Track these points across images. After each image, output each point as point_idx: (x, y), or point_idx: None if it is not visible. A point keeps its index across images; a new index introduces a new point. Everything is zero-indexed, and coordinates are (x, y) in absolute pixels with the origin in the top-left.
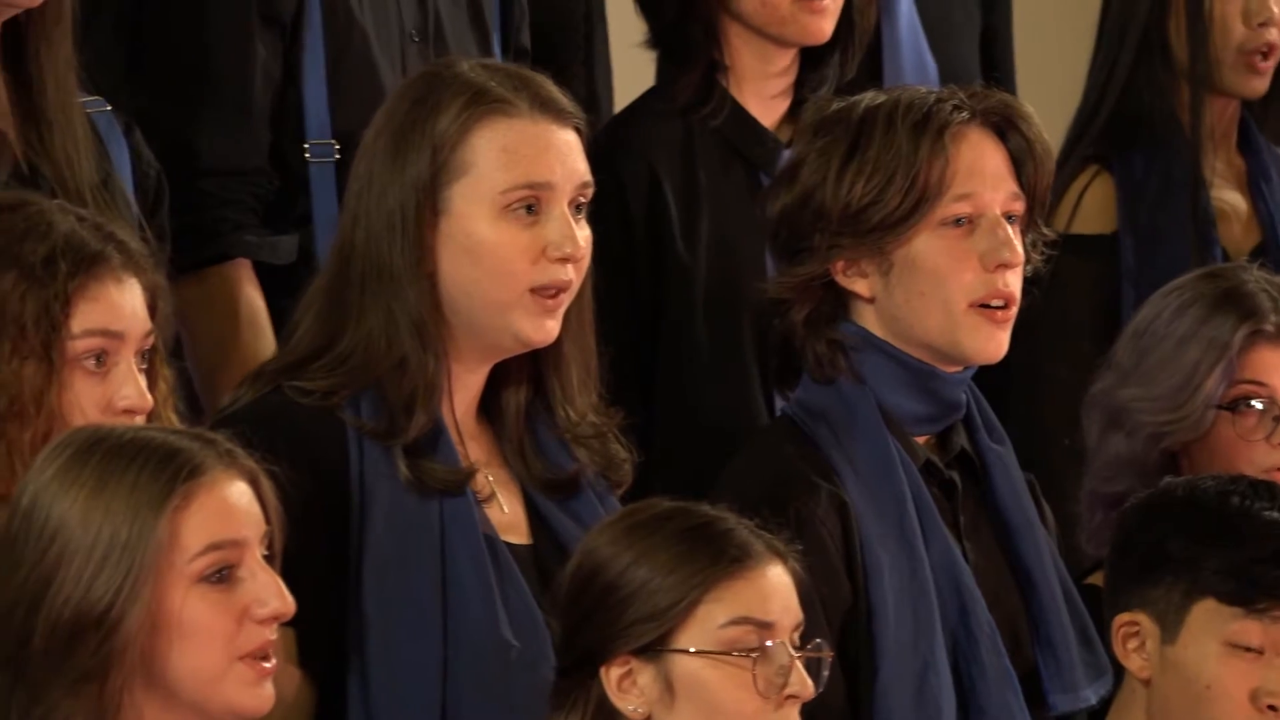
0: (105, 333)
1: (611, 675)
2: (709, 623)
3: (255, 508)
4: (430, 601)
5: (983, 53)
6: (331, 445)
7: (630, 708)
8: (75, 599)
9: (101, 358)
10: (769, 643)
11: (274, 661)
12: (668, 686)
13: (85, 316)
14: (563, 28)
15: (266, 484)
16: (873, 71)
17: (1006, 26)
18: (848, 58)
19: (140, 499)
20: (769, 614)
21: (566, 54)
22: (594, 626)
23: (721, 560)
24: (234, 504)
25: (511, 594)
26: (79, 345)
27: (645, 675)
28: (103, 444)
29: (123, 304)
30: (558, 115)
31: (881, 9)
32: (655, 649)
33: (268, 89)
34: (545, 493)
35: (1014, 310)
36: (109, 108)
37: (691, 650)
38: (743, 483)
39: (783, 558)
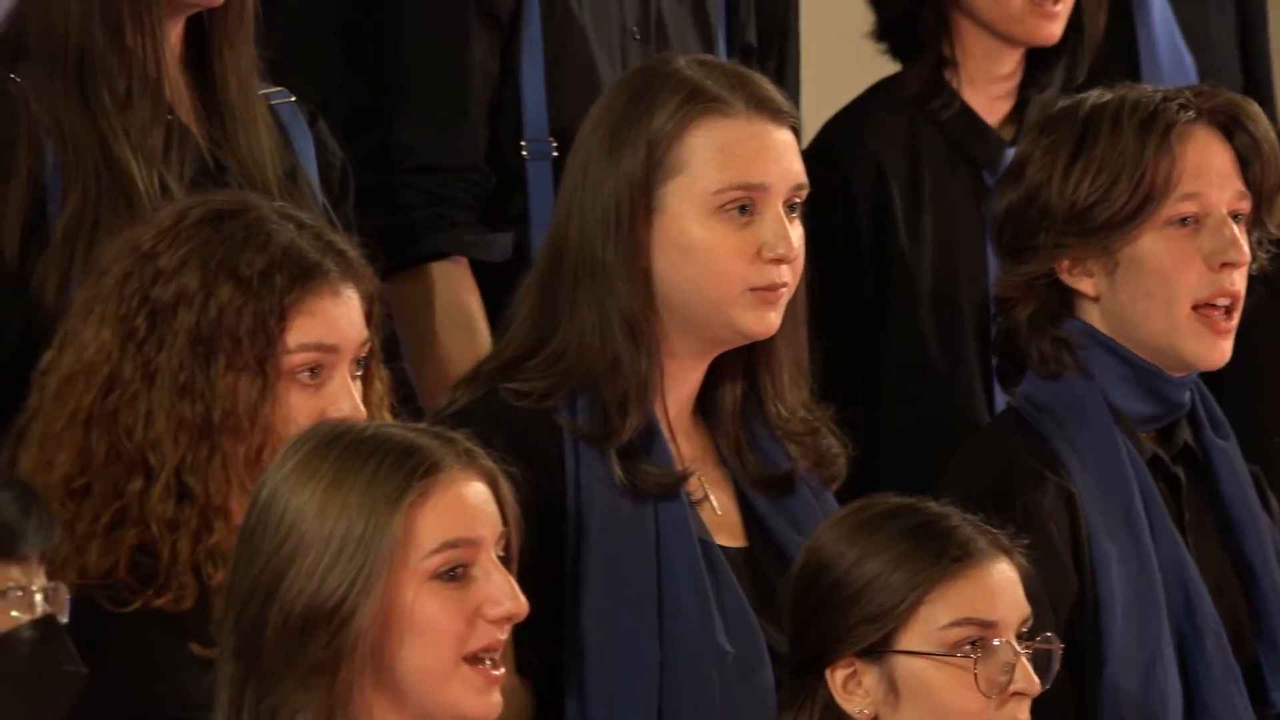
0: (321, 347)
1: (837, 677)
2: (931, 623)
3: (492, 508)
4: (646, 608)
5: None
6: (548, 450)
7: (856, 709)
8: (309, 592)
9: (316, 370)
10: (994, 641)
11: (502, 670)
12: (892, 687)
13: (301, 331)
14: (764, 27)
15: (505, 485)
16: (1130, 73)
17: (1262, 28)
18: (1075, 62)
19: (377, 494)
20: (992, 612)
21: (762, 51)
22: (819, 627)
23: (943, 559)
24: (470, 503)
25: (727, 599)
26: (294, 359)
27: (870, 676)
28: (343, 439)
29: (339, 317)
30: (774, 115)
31: (1135, 10)
32: (879, 650)
33: (485, 86)
34: (760, 490)
35: (1237, 316)
36: (293, 98)
37: (914, 651)
38: (969, 476)
39: (1007, 553)
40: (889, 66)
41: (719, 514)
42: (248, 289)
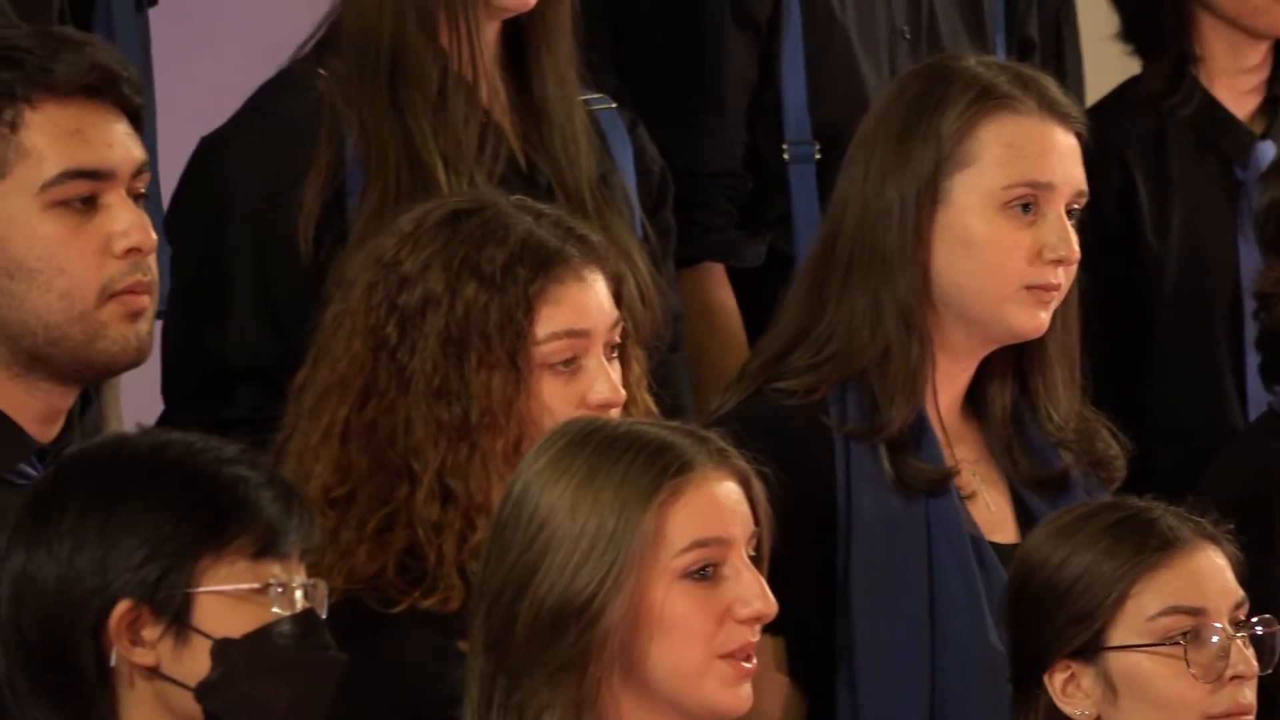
0: (571, 334)
1: (1055, 681)
2: (1139, 615)
3: (744, 508)
4: (918, 607)
5: None
6: (817, 448)
7: (1078, 712)
8: (559, 588)
9: (570, 358)
10: (1206, 627)
11: (754, 662)
12: (1109, 685)
13: (549, 320)
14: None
15: (757, 485)
16: None
17: None
18: None
19: (628, 492)
20: (1201, 599)
21: (1042, 45)
22: (1033, 632)
23: (1145, 550)
24: (722, 502)
25: (998, 596)
26: (545, 350)
27: (1087, 677)
28: (595, 436)
29: (585, 302)
30: (1063, 118)
31: None
32: (1092, 649)
33: (742, 91)
34: (1034, 490)
35: None
36: (614, 105)
37: (1125, 646)
38: (1227, 479)
39: (1214, 540)
40: (1131, 67)
41: (991, 510)
42: (491, 285)
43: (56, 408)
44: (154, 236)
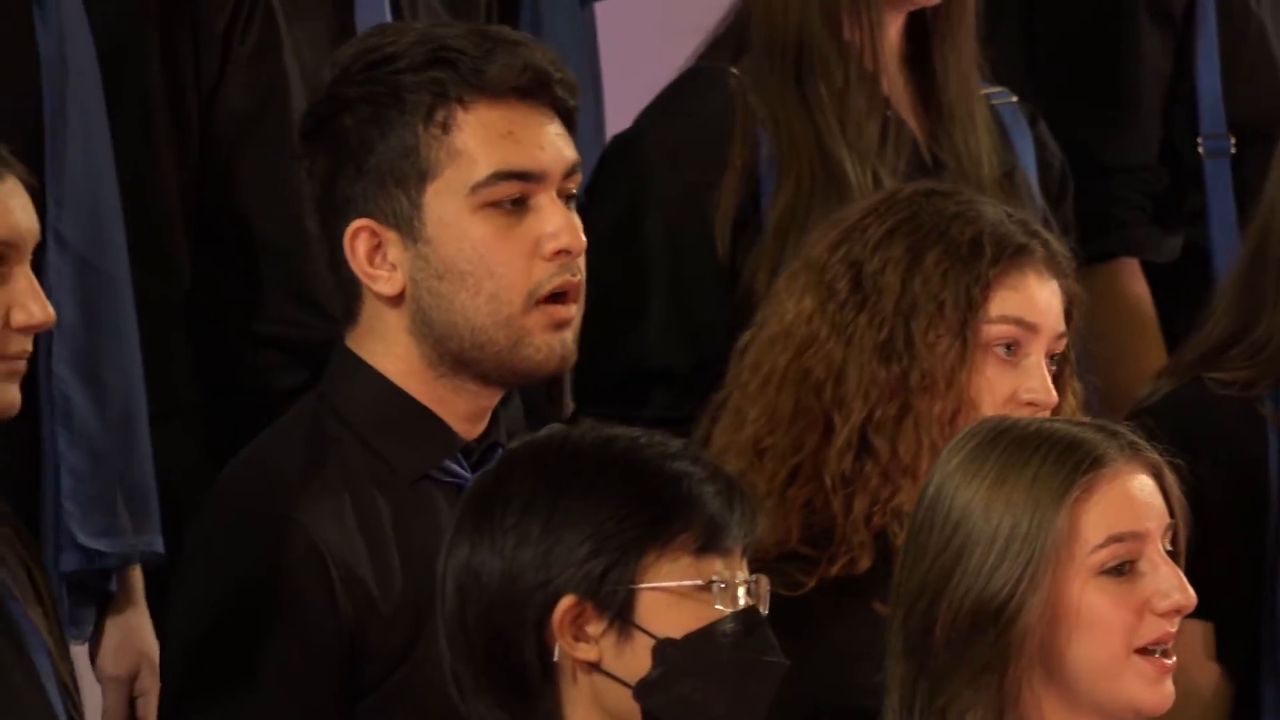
0: (1020, 322)
1: None
2: None
3: (1158, 500)
4: None
5: None
6: (1251, 437)
7: None
8: (976, 589)
9: (1012, 347)
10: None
11: (1174, 659)
12: None
13: (1004, 303)
14: None
15: (1171, 477)
16: None
17: None
18: None
19: (1041, 490)
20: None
21: None
22: None
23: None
24: (1135, 496)
25: None
26: (994, 330)
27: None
28: (1007, 435)
29: (1040, 299)
30: None
31: None
32: None
33: (1157, 84)
34: None
35: None
36: (1014, 99)
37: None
38: None
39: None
40: None
41: None
42: (955, 255)
43: (483, 406)
44: (583, 238)
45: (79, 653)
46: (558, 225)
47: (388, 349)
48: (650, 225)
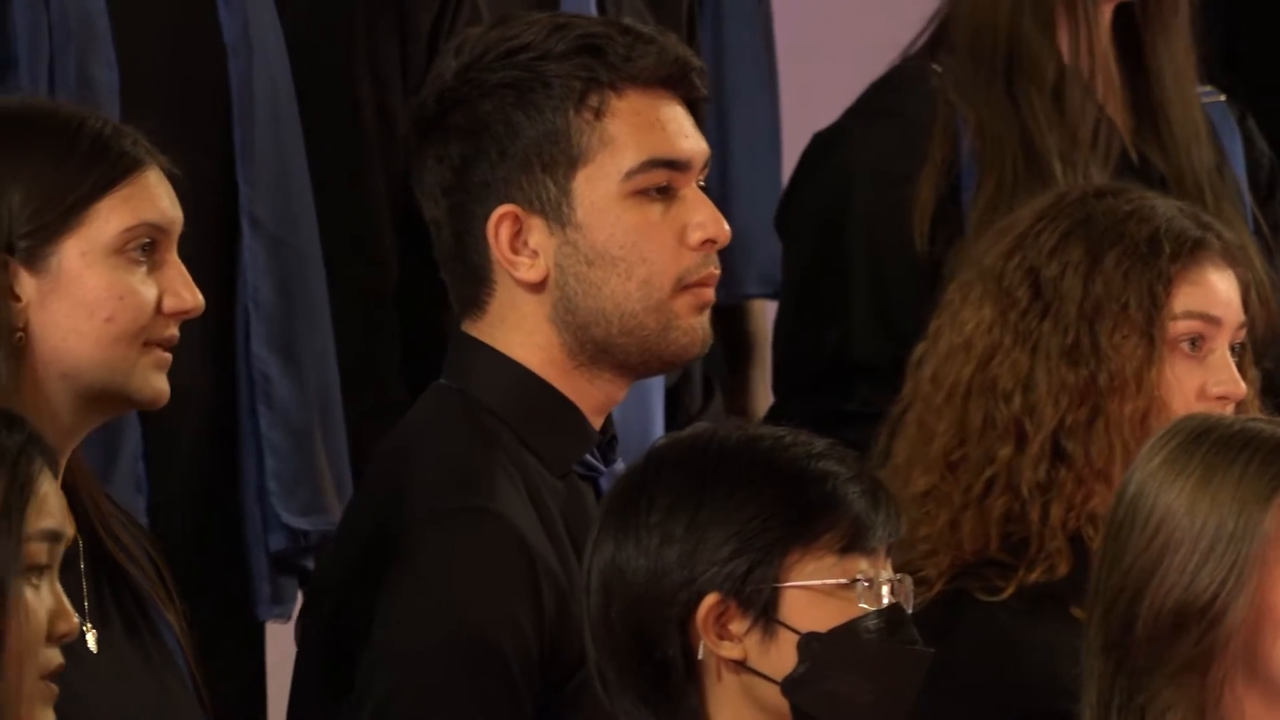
0: (1205, 317)
1: None
2: None
3: None
4: None
5: None
6: None
7: None
8: (1179, 589)
9: (1197, 341)
10: None
11: None
12: None
13: (1187, 298)
14: None
15: None
16: None
17: None
18: None
19: (1247, 492)
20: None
21: None
22: None
23: None
24: None
25: None
26: (1179, 326)
27: None
28: (1211, 434)
29: (1222, 292)
30: None
31: None
32: None
33: None
34: None
35: None
36: (1222, 97)
37: None
38: None
39: None
40: None
41: None
42: (1135, 255)
43: (613, 398)
44: (728, 229)
45: (283, 632)
46: (705, 215)
47: (526, 338)
48: (852, 221)
